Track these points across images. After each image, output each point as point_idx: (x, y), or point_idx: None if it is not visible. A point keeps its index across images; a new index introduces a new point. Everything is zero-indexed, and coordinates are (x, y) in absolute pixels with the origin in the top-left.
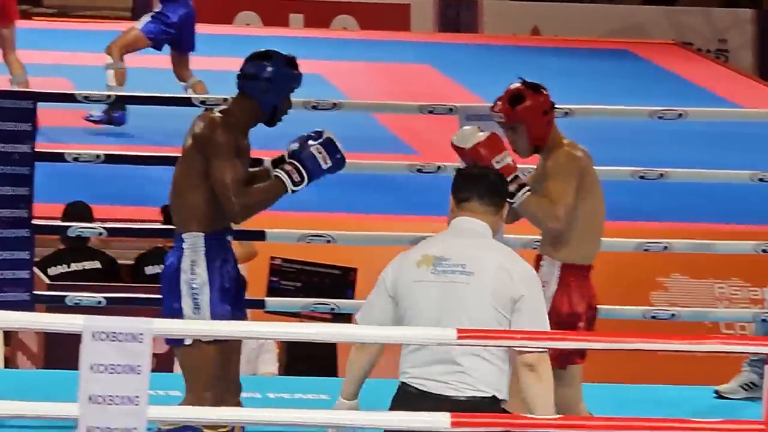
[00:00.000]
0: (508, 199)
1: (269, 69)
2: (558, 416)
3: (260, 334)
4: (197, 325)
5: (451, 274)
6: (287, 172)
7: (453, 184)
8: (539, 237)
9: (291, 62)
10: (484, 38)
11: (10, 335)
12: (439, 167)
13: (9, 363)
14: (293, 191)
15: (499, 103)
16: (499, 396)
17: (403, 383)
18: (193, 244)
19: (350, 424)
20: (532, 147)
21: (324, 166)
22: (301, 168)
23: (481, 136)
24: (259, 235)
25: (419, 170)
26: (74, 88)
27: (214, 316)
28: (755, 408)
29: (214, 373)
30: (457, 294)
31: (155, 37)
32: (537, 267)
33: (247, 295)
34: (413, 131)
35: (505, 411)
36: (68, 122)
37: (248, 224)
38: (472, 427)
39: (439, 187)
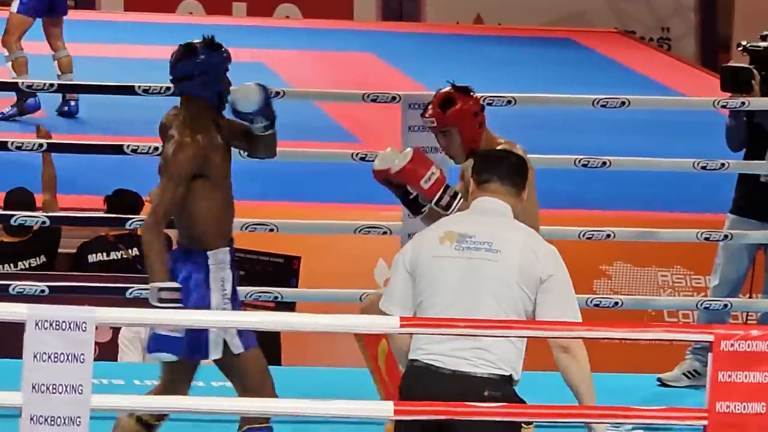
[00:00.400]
0: (444, 211)
1: (199, 63)
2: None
3: (203, 323)
4: (139, 314)
5: (476, 251)
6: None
7: (474, 166)
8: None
9: (214, 46)
10: (427, 27)
11: None
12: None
13: None
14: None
15: (429, 108)
16: (516, 376)
17: (415, 360)
18: (220, 260)
19: (293, 413)
20: (467, 150)
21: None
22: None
23: (407, 154)
24: None
25: (362, 159)
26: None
27: None
28: (698, 396)
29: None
30: (483, 271)
31: (33, 10)
32: None
33: None
34: (356, 120)
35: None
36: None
37: None
38: (414, 408)
39: None
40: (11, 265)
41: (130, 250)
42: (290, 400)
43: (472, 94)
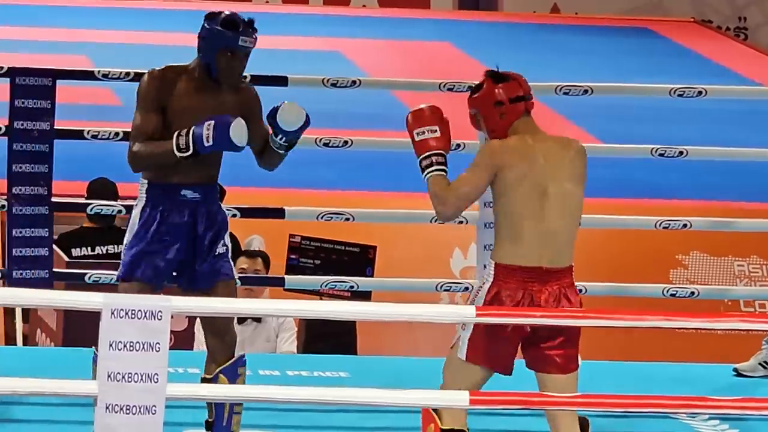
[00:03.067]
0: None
1: (204, 28)
2: (578, 394)
3: (280, 312)
4: (215, 303)
5: None
6: (180, 135)
7: None
8: None
9: (230, 23)
10: (504, 16)
11: (29, 312)
12: (458, 145)
13: (28, 340)
14: (180, 156)
15: None
16: None
17: None
18: (140, 190)
19: (367, 402)
20: (491, 138)
21: (206, 143)
22: (189, 138)
23: (421, 107)
24: (279, 213)
25: None
26: (93, 66)
27: (124, 257)
28: None
29: None
30: None
31: None
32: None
33: (269, 273)
34: None
35: None
36: (88, 100)
37: (268, 202)
38: (489, 398)
39: (460, 165)
40: (89, 248)
41: None
42: (366, 389)
43: (508, 82)
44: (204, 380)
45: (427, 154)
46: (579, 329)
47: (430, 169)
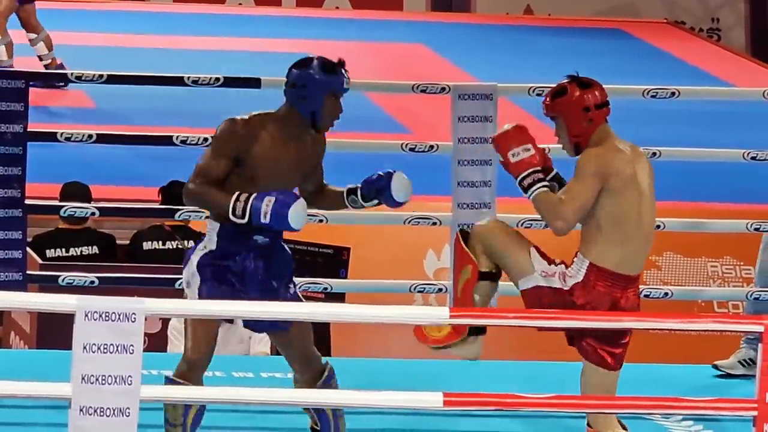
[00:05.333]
0: (524, 192)
1: (303, 76)
2: (552, 395)
3: (253, 314)
4: (188, 305)
5: None
6: (238, 200)
7: None
8: (534, 216)
9: (329, 67)
10: (477, 17)
11: (2, 315)
12: (431, 146)
13: (2, 343)
14: (234, 220)
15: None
16: None
17: None
18: (209, 232)
19: (342, 404)
20: (573, 144)
21: (263, 221)
22: (247, 207)
23: (506, 127)
24: None
25: (412, 149)
26: (66, 68)
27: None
28: (750, 386)
29: None
30: None
31: None
32: (572, 261)
33: None
34: (406, 111)
35: None
36: (60, 102)
37: None
38: (462, 399)
39: (432, 166)
40: (63, 249)
41: (185, 242)
42: (340, 391)
43: (592, 89)
44: None
45: (527, 172)
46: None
47: (535, 187)
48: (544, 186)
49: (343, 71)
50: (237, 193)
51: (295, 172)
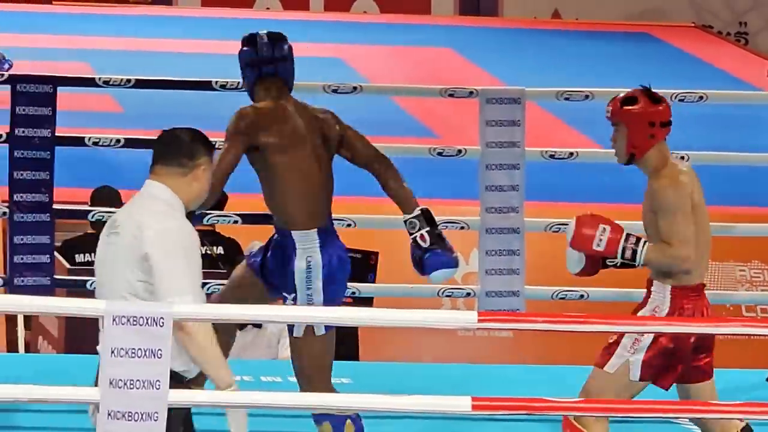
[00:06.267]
0: (632, 264)
1: (285, 47)
2: (580, 399)
3: (281, 318)
4: (217, 310)
5: (109, 236)
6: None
7: None
8: (562, 220)
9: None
10: (505, 21)
11: (30, 320)
12: (459, 150)
13: (30, 347)
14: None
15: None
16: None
17: None
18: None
19: (370, 408)
20: (629, 153)
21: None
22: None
23: (576, 224)
24: None
25: (440, 154)
26: (95, 73)
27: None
28: None
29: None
30: (105, 255)
31: None
32: (648, 291)
33: None
34: (434, 115)
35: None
36: (89, 107)
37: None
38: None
39: (460, 171)
40: (92, 254)
41: (214, 248)
42: (369, 395)
43: (661, 104)
44: None
45: (621, 248)
46: (713, 338)
47: (638, 251)
48: (643, 243)
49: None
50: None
51: (319, 149)
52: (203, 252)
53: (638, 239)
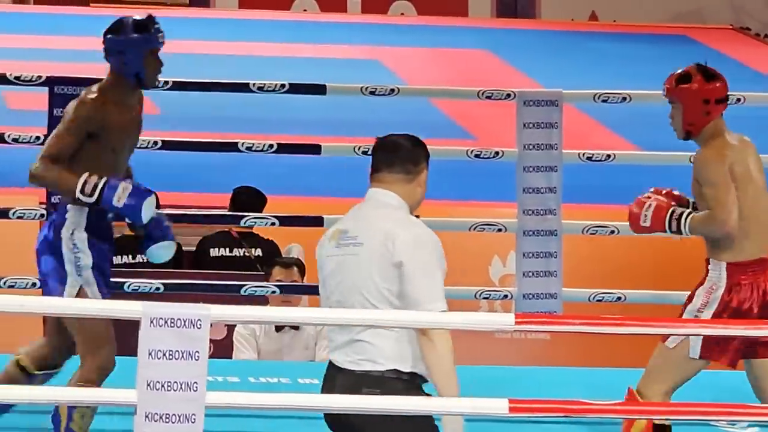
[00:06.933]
0: (678, 235)
1: (121, 42)
2: (618, 401)
3: (317, 320)
4: (254, 312)
5: (346, 246)
6: (87, 182)
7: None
8: (599, 222)
9: (142, 27)
10: (542, 24)
11: None
12: (497, 153)
13: None
14: (79, 198)
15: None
16: (405, 369)
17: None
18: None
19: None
20: (685, 131)
21: (115, 202)
22: (100, 188)
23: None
24: (317, 221)
25: (477, 156)
26: None
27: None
28: None
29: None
30: (348, 266)
31: None
32: (706, 270)
33: (306, 281)
34: (471, 117)
35: (409, 381)
36: None
37: (307, 210)
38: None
39: (497, 173)
40: (129, 256)
41: (252, 250)
42: (406, 398)
43: (716, 81)
44: (22, 365)
45: (667, 220)
46: None
47: (682, 221)
48: (686, 214)
49: (155, 27)
50: (86, 174)
51: (137, 133)
52: (240, 254)
53: (683, 212)
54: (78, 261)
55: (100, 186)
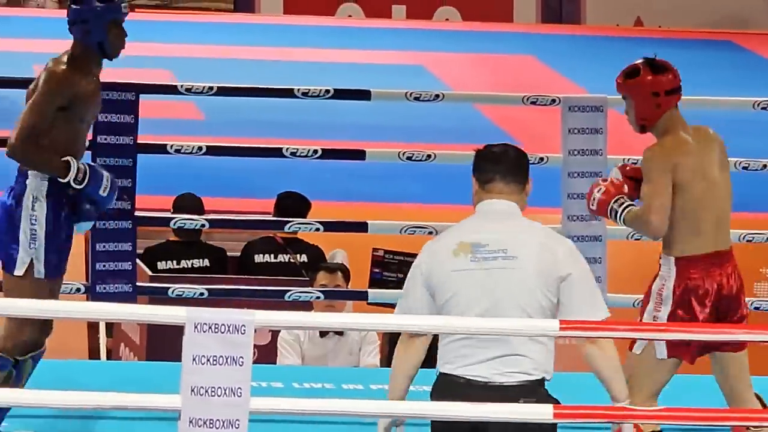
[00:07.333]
0: (619, 223)
1: (84, 11)
2: (662, 407)
3: (362, 325)
4: (298, 317)
5: (493, 260)
6: (79, 169)
7: (474, 165)
8: None
9: None
10: (587, 29)
11: (112, 327)
12: (541, 158)
13: (112, 355)
14: (67, 182)
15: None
16: (548, 377)
17: (446, 374)
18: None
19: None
20: (639, 125)
21: (101, 192)
22: (88, 177)
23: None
24: (362, 227)
25: None
26: (176, 80)
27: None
28: None
29: None
30: (501, 280)
31: None
32: (658, 266)
33: (350, 287)
34: (516, 122)
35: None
36: (170, 114)
37: (351, 216)
38: (572, 411)
39: (543, 178)
40: (174, 262)
41: (298, 255)
42: (450, 404)
43: (665, 73)
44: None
45: (609, 208)
46: (745, 311)
47: (619, 213)
48: (625, 207)
49: None
50: (70, 159)
51: (99, 106)
52: (285, 260)
53: (624, 203)
54: (33, 233)
55: (88, 175)
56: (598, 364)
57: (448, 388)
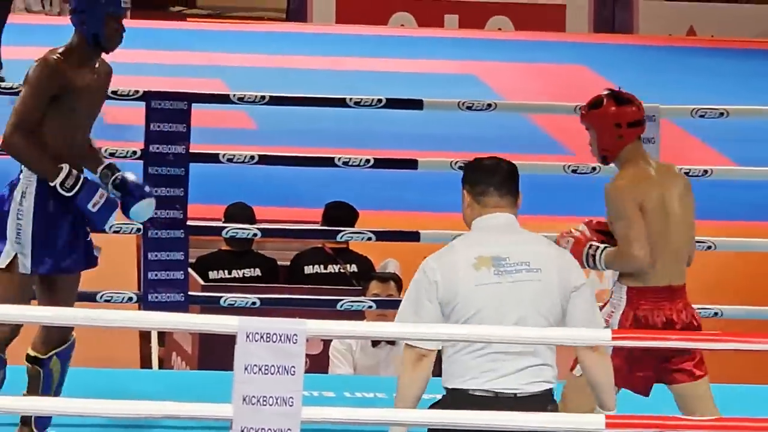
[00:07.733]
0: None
1: (82, 1)
2: (715, 417)
3: (413, 335)
4: (350, 327)
5: (517, 273)
6: (70, 174)
7: (466, 177)
8: (698, 238)
9: None
10: (640, 38)
11: (164, 336)
12: (594, 168)
13: (164, 364)
14: (55, 185)
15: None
16: (554, 384)
17: (464, 390)
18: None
19: (506, 427)
20: (601, 155)
21: (90, 206)
22: (79, 186)
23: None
24: (414, 236)
25: (574, 171)
26: (228, 89)
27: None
28: None
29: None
30: (527, 292)
31: None
32: (610, 292)
33: (401, 296)
34: (568, 132)
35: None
36: (222, 123)
37: (403, 225)
38: (625, 421)
39: (595, 188)
40: (225, 271)
41: (348, 266)
42: (501, 413)
43: (630, 106)
44: (31, 357)
45: (584, 255)
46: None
47: (597, 259)
48: (602, 250)
49: None
50: (66, 167)
51: (99, 102)
52: (335, 271)
53: (598, 247)
54: (19, 228)
55: (79, 184)
56: (597, 370)
57: (468, 403)
